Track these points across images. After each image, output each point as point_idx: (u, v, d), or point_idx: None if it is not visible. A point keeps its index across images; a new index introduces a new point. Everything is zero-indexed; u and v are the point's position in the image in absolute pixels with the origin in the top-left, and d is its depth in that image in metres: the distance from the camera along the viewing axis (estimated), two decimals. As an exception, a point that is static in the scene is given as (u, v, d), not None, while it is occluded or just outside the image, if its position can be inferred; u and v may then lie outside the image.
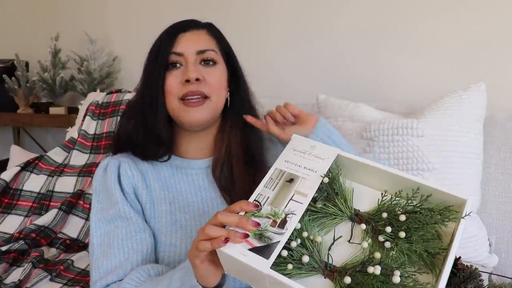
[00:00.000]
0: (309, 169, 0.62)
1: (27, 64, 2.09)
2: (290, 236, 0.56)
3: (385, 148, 1.12)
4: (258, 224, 0.56)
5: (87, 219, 1.40)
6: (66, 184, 1.46)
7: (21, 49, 2.11)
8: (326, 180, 0.61)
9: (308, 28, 1.64)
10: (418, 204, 0.58)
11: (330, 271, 0.56)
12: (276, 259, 0.54)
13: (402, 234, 0.56)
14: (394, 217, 0.58)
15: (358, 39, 1.56)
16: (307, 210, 0.59)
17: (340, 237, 0.59)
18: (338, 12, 1.59)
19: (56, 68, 2.04)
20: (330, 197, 0.61)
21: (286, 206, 0.58)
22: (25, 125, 2.13)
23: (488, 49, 1.38)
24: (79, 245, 1.37)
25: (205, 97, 0.82)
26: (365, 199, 0.62)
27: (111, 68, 2.05)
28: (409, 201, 0.59)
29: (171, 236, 0.81)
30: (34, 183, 1.49)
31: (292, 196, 0.59)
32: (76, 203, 1.41)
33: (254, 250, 0.54)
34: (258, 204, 0.58)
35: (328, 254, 0.58)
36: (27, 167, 1.52)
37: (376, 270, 0.53)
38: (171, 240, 0.81)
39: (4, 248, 1.29)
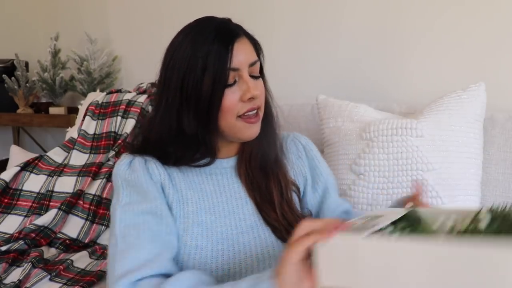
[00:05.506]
0: (390, 218, 0.59)
1: (27, 64, 2.09)
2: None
3: (385, 149, 1.12)
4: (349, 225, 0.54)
5: (86, 219, 1.40)
6: (65, 184, 1.46)
7: (21, 49, 2.11)
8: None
9: (308, 28, 1.64)
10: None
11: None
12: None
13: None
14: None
15: (359, 39, 1.56)
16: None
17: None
18: (339, 13, 1.59)
19: (56, 68, 2.04)
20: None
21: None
22: (25, 125, 2.13)
23: (488, 49, 1.37)
24: (78, 245, 1.37)
25: (259, 109, 0.82)
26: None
27: (111, 68, 2.05)
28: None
29: (196, 239, 0.78)
30: (34, 183, 1.48)
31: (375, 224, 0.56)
32: (76, 203, 1.41)
33: (347, 232, 0.51)
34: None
35: None
36: (27, 167, 1.52)
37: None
38: (197, 242, 0.78)
39: (3, 248, 1.29)
